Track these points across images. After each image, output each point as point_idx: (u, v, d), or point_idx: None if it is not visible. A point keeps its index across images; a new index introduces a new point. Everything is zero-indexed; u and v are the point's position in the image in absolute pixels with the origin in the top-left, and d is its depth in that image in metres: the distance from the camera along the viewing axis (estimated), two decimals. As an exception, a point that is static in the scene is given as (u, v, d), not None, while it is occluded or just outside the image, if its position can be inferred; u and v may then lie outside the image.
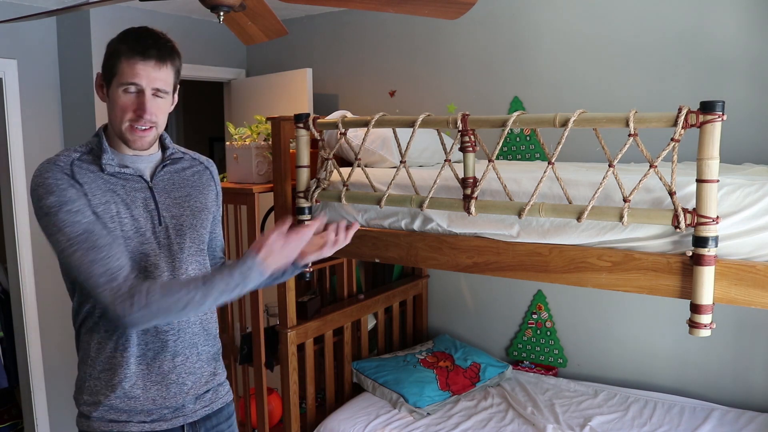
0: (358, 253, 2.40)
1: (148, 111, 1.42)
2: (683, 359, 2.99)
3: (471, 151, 2.00)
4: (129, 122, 1.43)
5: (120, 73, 1.41)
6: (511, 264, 2.05)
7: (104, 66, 1.45)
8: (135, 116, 1.42)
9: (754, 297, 1.68)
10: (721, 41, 2.75)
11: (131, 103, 1.42)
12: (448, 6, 2.12)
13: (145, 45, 1.41)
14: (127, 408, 1.47)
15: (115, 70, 1.41)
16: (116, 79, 1.41)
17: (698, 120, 1.61)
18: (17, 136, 3.29)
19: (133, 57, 1.40)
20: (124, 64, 1.40)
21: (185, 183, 1.59)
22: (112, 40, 1.45)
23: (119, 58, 1.41)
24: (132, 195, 1.47)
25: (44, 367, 3.46)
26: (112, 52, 1.43)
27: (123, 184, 1.47)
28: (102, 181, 1.43)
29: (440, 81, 3.50)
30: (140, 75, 1.40)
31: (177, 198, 1.55)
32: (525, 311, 3.39)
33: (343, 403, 2.97)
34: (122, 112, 1.42)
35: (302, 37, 3.97)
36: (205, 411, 1.59)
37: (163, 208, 1.51)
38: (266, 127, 2.79)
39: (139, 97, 1.42)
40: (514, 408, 2.85)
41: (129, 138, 1.45)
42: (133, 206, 1.46)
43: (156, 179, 1.53)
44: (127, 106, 1.42)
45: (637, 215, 1.74)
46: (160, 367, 1.49)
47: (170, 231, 1.51)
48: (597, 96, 3.04)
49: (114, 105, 1.43)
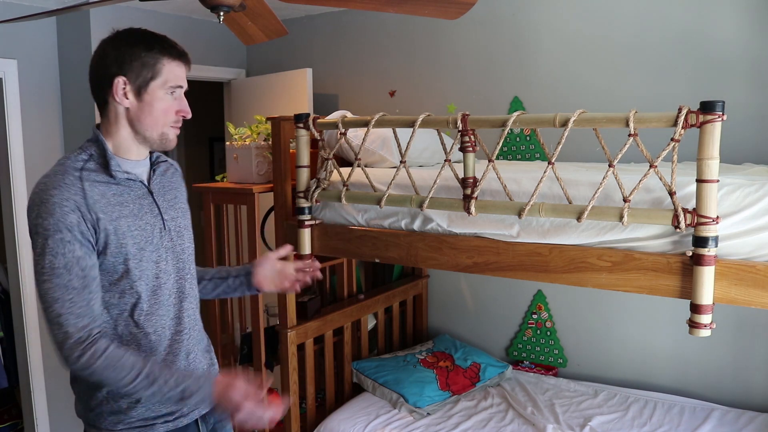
0: (358, 253, 2.40)
1: (189, 111, 1.49)
2: (683, 359, 2.99)
3: (471, 151, 2.00)
4: (173, 123, 1.47)
5: (165, 77, 1.43)
6: (511, 264, 2.05)
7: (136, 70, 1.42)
8: (178, 117, 1.48)
9: (754, 297, 1.68)
10: (721, 41, 2.75)
11: (174, 104, 1.46)
12: (448, 6, 2.12)
13: (181, 49, 1.47)
14: (153, 413, 1.49)
15: (156, 73, 1.43)
16: (158, 81, 1.43)
17: (698, 120, 1.61)
18: (17, 136, 3.28)
19: (176, 60, 1.45)
20: (168, 66, 1.43)
21: (171, 185, 1.61)
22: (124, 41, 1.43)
23: (161, 61, 1.43)
24: (139, 203, 1.48)
25: (44, 367, 3.46)
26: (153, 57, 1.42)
27: (129, 192, 1.46)
28: (111, 194, 1.42)
29: (440, 81, 3.50)
30: (184, 78, 1.47)
31: (170, 200, 1.57)
32: (525, 311, 3.39)
33: (343, 403, 2.97)
34: (166, 113, 1.45)
35: (302, 37, 3.97)
36: None
37: (164, 211, 1.53)
38: (266, 127, 2.79)
39: (181, 99, 1.47)
40: (514, 408, 2.85)
41: (170, 137, 1.49)
42: (141, 214, 1.47)
43: (153, 183, 1.54)
44: (170, 108, 1.46)
45: (637, 215, 1.74)
46: (178, 367, 1.53)
47: (172, 233, 1.54)
48: (597, 96, 3.04)
49: (153, 107, 1.44)
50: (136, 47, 1.43)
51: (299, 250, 2.45)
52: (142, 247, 1.45)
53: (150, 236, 1.47)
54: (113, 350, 1.36)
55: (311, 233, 2.46)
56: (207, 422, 1.61)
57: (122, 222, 1.42)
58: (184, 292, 1.55)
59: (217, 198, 2.83)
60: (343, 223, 2.42)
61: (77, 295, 1.34)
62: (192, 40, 3.84)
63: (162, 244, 1.50)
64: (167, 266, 1.50)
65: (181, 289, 1.55)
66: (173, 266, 1.53)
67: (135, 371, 1.36)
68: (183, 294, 1.55)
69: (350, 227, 2.40)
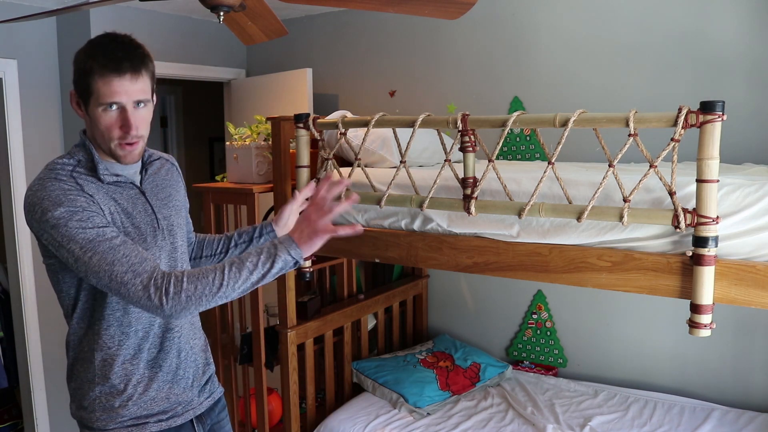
0: (358, 253, 2.40)
1: (133, 126, 1.38)
2: (683, 359, 2.99)
3: (471, 151, 2.00)
4: (117, 140, 1.39)
5: (97, 93, 1.34)
6: (511, 264, 2.05)
7: (77, 84, 1.38)
8: (122, 133, 1.39)
9: (754, 297, 1.68)
10: (721, 41, 2.75)
11: (115, 121, 1.38)
12: (448, 6, 2.11)
13: (117, 59, 1.34)
14: (145, 412, 1.49)
15: (90, 90, 1.35)
16: (93, 98, 1.36)
17: (698, 120, 1.61)
18: (17, 136, 3.29)
19: (107, 75, 1.33)
20: (100, 83, 1.33)
21: (165, 183, 1.60)
22: (78, 53, 1.39)
23: (92, 76, 1.34)
24: (132, 203, 1.48)
25: (44, 367, 3.46)
26: (85, 71, 1.35)
27: (121, 192, 1.47)
28: (104, 192, 1.43)
29: (440, 81, 3.50)
30: (118, 92, 1.35)
31: (163, 199, 1.57)
32: (525, 311, 3.39)
33: (343, 403, 2.97)
34: (107, 131, 1.38)
35: (302, 37, 3.97)
36: (208, 402, 1.64)
37: (157, 210, 1.53)
38: (266, 127, 2.79)
39: (121, 114, 1.37)
40: (514, 408, 2.85)
41: (120, 154, 1.42)
42: (134, 213, 1.47)
43: (144, 184, 1.54)
44: (111, 125, 1.38)
45: (637, 215, 1.74)
46: (170, 365, 1.53)
47: (165, 232, 1.54)
48: (597, 96, 3.04)
49: (97, 124, 1.38)
50: (80, 60, 1.37)
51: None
52: None
53: (143, 235, 1.47)
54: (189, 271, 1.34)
55: (311, 233, 2.46)
56: (203, 423, 1.61)
57: (116, 217, 1.42)
58: None
59: (217, 198, 2.83)
60: (343, 223, 2.42)
61: (126, 248, 1.33)
62: (192, 40, 3.84)
63: (155, 243, 1.50)
64: (161, 264, 1.50)
65: None
66: (166, 265, 1.53)
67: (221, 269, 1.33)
68: None
69: (350, 227, 2.40)
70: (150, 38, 3.46)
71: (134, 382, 1.48)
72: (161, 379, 1.51)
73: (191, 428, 1.57)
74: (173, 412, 1.53)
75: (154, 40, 3.47)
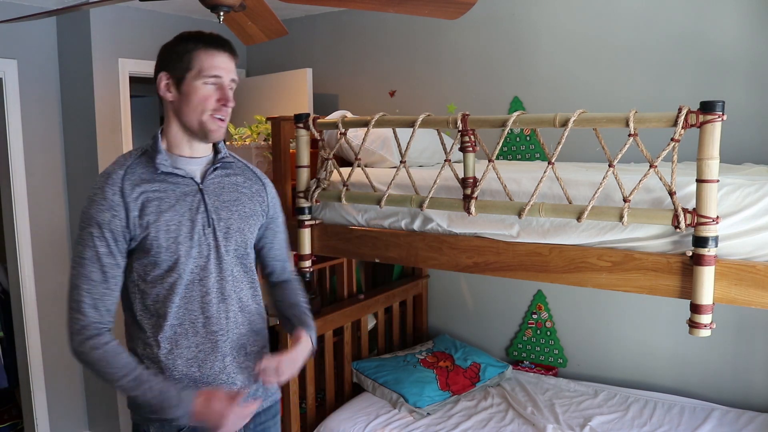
0: (358, 253, 2.40)
1: (230, 99, 1.49)
2: (683, 359, 2.99)
3: (471, 151, 2.00)
4: (211, 112, 1.47)
5: (200, 67, 1.45)
6: (511, 264, 2.05)
7: (173, 64, 1.48)
8: (218, 105, 1.48)
9: (754, 297, 1.68)
10: (721, 41, 2.75)
11: (213, 93, 1.47)
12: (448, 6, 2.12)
13: (220, 39, 1.49)
14: None
15: (191, 65, 1.46)
16: (194, 72, 1.46)
17: (698, 120, 1.62)
18: (17, 136, 3.28)
19: (211, 50, 1.47)
20: (204, 56, 1.46)
21: (235, 188, 1.61)
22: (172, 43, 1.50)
23: (195, 52, 1.46)
24: (183, 199, 1.49)
25: (44, 367, 3.46)
26: (186, 50, 1.46)
27: (174, 188, 1.49)
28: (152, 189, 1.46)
29: (440, 81, 3.50)
30: (221, 67, 1.47)
31: (226, 201, 1.57)
32: (525, 311, 3.39)
33: (343, 403, 2.97)
34: (203, 102, 1.47)
35: (302, 37, 3.97)
36: None
37: (212, 210, 1.53)
38: (266, 127, 2.79)
39: (220, 88, 1.48)
40: (514, 408, 2.85)
41: (210, 128, 1.48)
42: (182, 210, 1.49)
43: (206, 182, 1.55)
44: (208, 96, 1.47)
45: (637, 215, 1.74)
46: (211, 368, 1.52)
47: (217, 233, 1.53)
48: (597, 96, 3.04)
49: (191, 97, 1.47)
50: (174, 43, 1.50)
51: (299, 250, 2.45)
52: (179, 241, 1.46)
53: (189, 232, 1.48)
54: (113, 347, 1.42)
55: (311, 233, 2.46)
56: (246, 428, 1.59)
57: (162, 216, 1.45)
58: (224, 293, 1.54)
59: (217, 198, 2.83)
60: (343, 223, 2.42)
61: (94, 287, 1.42)
62: (192, 40, 3.84)
63: (205, 241, 1.51)
64: (209, 264, 1.51)
65: (221, 290, 1.53)
66: (215, 265, 1.52)
67: (125, 371, 1.40)
68: (223, 295, 1.54)
69: (350, 227, 2.40)
70: (150, 38, 3.47)
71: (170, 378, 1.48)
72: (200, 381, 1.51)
73: None
74: None
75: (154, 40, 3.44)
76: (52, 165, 3.45)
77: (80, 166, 3.42)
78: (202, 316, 1.51)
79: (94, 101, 3.29)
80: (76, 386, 3.64)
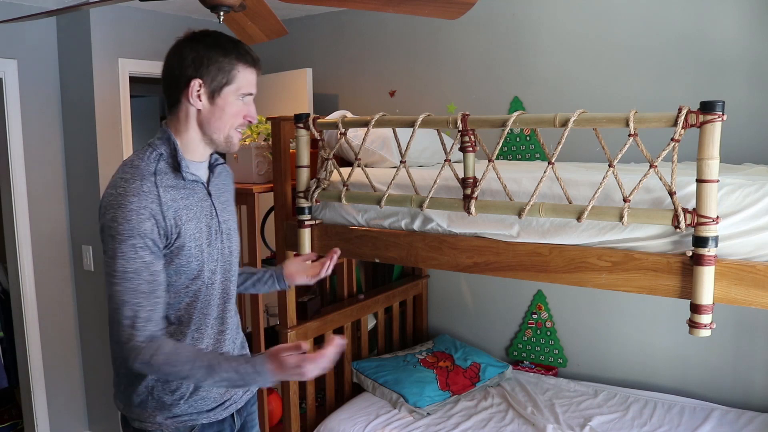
0: (358, 253, 2.40)
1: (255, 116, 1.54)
2: (683, 359, 2.99)
3: (471, 151, 2.00)
4: (238, 127, 1.51)
5: (239, 84, 1.47)
6: (511, 264, 2.05)
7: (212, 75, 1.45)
8: (245, 122, 1.52)
9: (754, 297, 1.68)
10: (721, 41, 2.75)
11: (243, 109, 1.50)
12: (448, 6, 2.11)
13: (254, 57, 1.51)
14: (195, 409, 1.53)
15: (231, 80, 1.46)
16: (233, 87, 1.47)
17: (698, 120, 1.61)
18: (17, 136, 3.28)
19: (250, 68, 1.50)
20: (245, 73, 1.48)
21: (224, 187, 1.64)
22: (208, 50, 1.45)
23: (237, 68, 1.47)
24: (201, 205, 1.51)
25: (44, 367, 3.46)
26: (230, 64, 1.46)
27: (194, 195, 1.49)
28: (180, 197, 1.45)
29: (440, 81, 3.50)
30: (254, 84, 1.52)
31: (223, 203, 1.60)
32: (525, 311, 3.39)
33: (343, 403, 2.97)
34: (235, 117, 1.49)
35: (302, 37, 3.97)
36: (247, 396, 1.68)
37: (219, 213, 1.56)
38: (266, 127, 2.79)
39: (249, 105, 1.52)
40: (514, 408, 2.85)
41: (234, 141, 1.52)
42: (202, 217, 1.50)
43: (211, 185, 1.57)
44: (239, 112, 1.50)
45: (637, 215, 1.74)
46: None
47: (224, 236, 1.57)
48: (597, 96, 3.04)
49: (224, 111, 1.48)
50: (214, 51, 1.46)
51: (299, 251, 2.45)
52: (202, 249, 1.48)
53: (208, 238, 1.51)
54: (172, 347, 1.39)
55: (311, 233, 2.46)
56: (241, 415, 1.66)
57: (189, 225, 1.46)
58: (228, 293, 1.59)
59: (217, 198, 2.83)
60: (343, 223, 2.42)
61: (145, 299, 1.38)
62: (192, 40, 3.83)
63: (216, 246, 1.53)
64: (217, 267, 1.54)
65: (225, 290, 1.58)
66: (221, 267, 1.56)
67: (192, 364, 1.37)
68: (227, 295, 1.59)
69: (350, 227, 2.40)
70: (150, 38, 3.47)
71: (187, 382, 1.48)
72: None
73: (231, 421, 1.62)
74: (222, 408, 1.58)
75: (154, 40, 3.47)
76: (52, 165, 3.45)
77: (80, 166, 3.42)
78: (212, 318, 1.55)
79: (94, 101, 3.29)
80: (76, 386, 3.64)
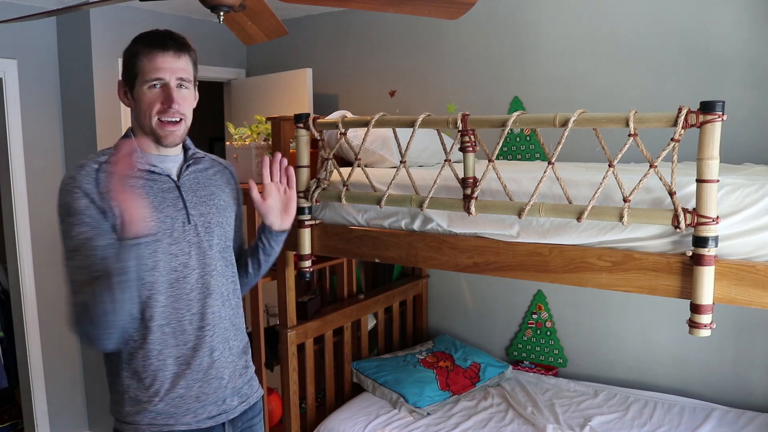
0: (358, 253, 2.39)
1: (175, 101, 1.45)
2: (683, 359, 2.99)
3: (471, 151, 1.99)
4: (158, 116, 1.45)
5: (142, 71, 1.43)
6: (511, 264, 2.05)
7: (125, 72, 1.48)
8: (163, 108, 1.45)
9: (754, 297, 1.68)
10: (721, 41, 2.75)
11: (157, 97, 1.45)
12: (448, 6, 2.11)
13: (162, 37, 1.45)
14: (174, 410, 1.49)
15: (136, 70, 1.44)
16: (139, 78, 1.44)
17: (698, 120, 1.61)
18: (17, 136, 3.28)
19: (152, 51, 1.43)
20: (145, 61, 1.43)
21: (209, 182, 1.62)
22: (127, 48, 1.49)
23: (138, 56, 1.44)
24: (161, 195, 1.49)
25: (44, 367, 3.46)
26: (132, 54, 1.46)
27: (152, 185, 1.48)
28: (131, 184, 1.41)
29: (440, 81, 3.50)
30: (163, 68, 1.43)
31: (203, 196, 1.58)
32: (525, 311, 3.39)
33: (343, 403, 2.97)
34: (150, 107, 1.45)
35: (302, 37, 3.97)
36: (243, 407, 1.63)
37: (191, 206, 1.54)
38: (266, 127, 2.79)
39: (164, 90, 1.45)
40: (514, 408, 2.85)
41: (160, 134, 1.47)
42: (162, 206, 1.48)
43: (183, 179, 1.55)
44: (153, 101, 1.44)
45: (637, 215, 1.73)
46: (200, 364, 1.51)
47: (199, 229, 1.54)
48: (597, 96, 3.04)
49: (140, 103, 1.46)
50: (127, 49, 1.48)
51: (299, 250, 2.45)
52: (159, 238, 1.45)
53: (169, 229, 1.48)
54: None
55: (311, 233, 2.46)
56: (235, 425, 1.61)
57: None
58: (209, 288, 1.54)
59: (217, 198, 2.83)
60: (343, 223, 2.42)
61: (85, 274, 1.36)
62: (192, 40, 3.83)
63: (184, 238, 1.51)
64: (190, 260, 1.51)
65: (205, 285, 1.54)
66: (197, 261, 1.53)
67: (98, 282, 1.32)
68: (207, 290, 1.54)
69: (350, 227, 2.40)
70: (150, 38, 3.47)
71: (161, 378, 1.47)
72: (190, 378, 1.50)
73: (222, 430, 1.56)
74: (206, 414, 1.52)
75: (154, 40, 3.47)
76: (52, 165, 3.45)
77: (80, 166, 3.42)
78: (189, 314, 1.50)
79: (94, 101, 3.30)
80: (76, 386, 3.64)
